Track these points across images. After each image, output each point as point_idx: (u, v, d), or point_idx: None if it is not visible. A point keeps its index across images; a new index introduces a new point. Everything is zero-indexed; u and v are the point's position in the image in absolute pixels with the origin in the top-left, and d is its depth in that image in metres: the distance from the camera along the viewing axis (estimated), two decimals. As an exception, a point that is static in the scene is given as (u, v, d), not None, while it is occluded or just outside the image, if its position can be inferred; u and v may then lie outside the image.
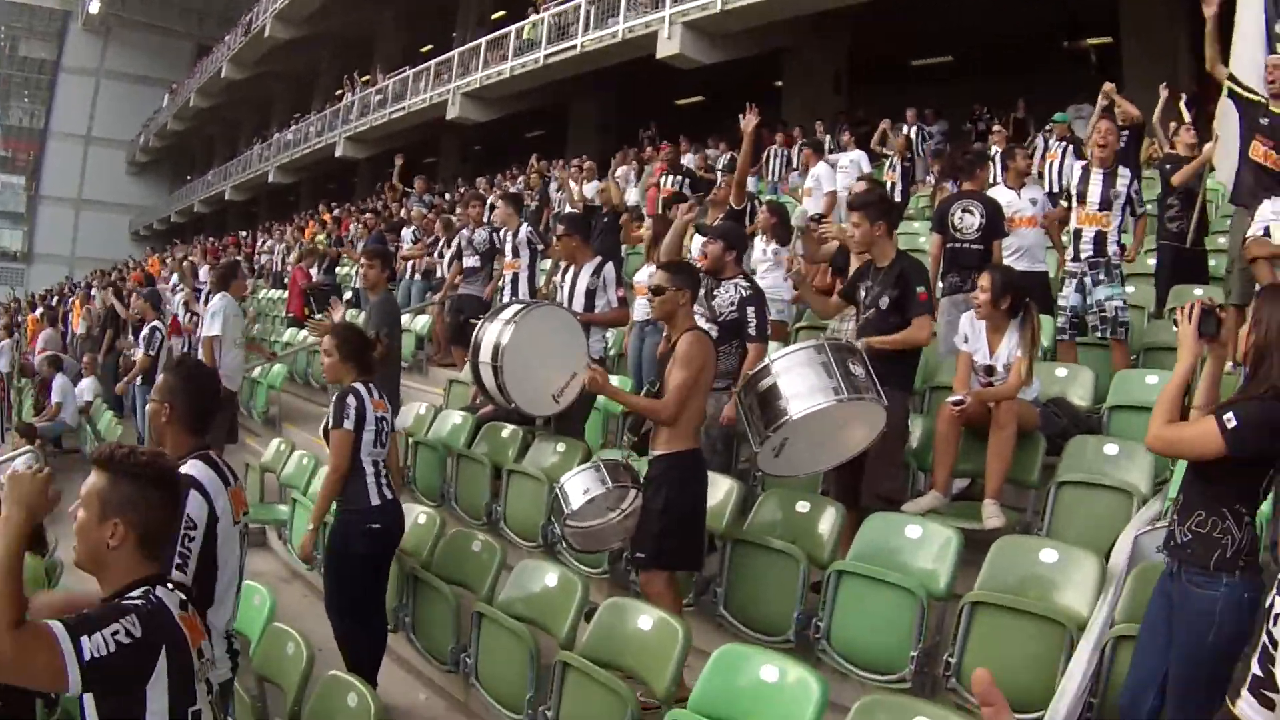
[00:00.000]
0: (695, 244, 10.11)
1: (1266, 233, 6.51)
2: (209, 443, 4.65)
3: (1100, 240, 8.37)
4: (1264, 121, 8.06)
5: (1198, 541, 4.09)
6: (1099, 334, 8.32)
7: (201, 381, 4.78)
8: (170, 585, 3.23)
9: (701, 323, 7.72)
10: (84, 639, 2.87)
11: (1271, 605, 2.00)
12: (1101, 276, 8.29)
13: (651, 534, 5.90)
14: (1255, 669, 1.98)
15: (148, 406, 4.80)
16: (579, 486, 6.16)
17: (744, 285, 7.63)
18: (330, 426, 6.17)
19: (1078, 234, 8.49)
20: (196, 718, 3.16)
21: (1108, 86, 11.82)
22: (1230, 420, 3.96)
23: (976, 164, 9.43)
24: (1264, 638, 1.98)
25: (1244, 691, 2.00)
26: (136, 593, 3.09)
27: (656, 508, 5.88)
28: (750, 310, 7.50)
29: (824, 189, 13.57)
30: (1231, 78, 8.44)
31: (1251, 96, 8.22)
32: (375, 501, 6.26)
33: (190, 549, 4.14)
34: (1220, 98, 9.27)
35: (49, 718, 5.38)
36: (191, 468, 4.28)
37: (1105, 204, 8.36)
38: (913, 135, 18.30)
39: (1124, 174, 8.47)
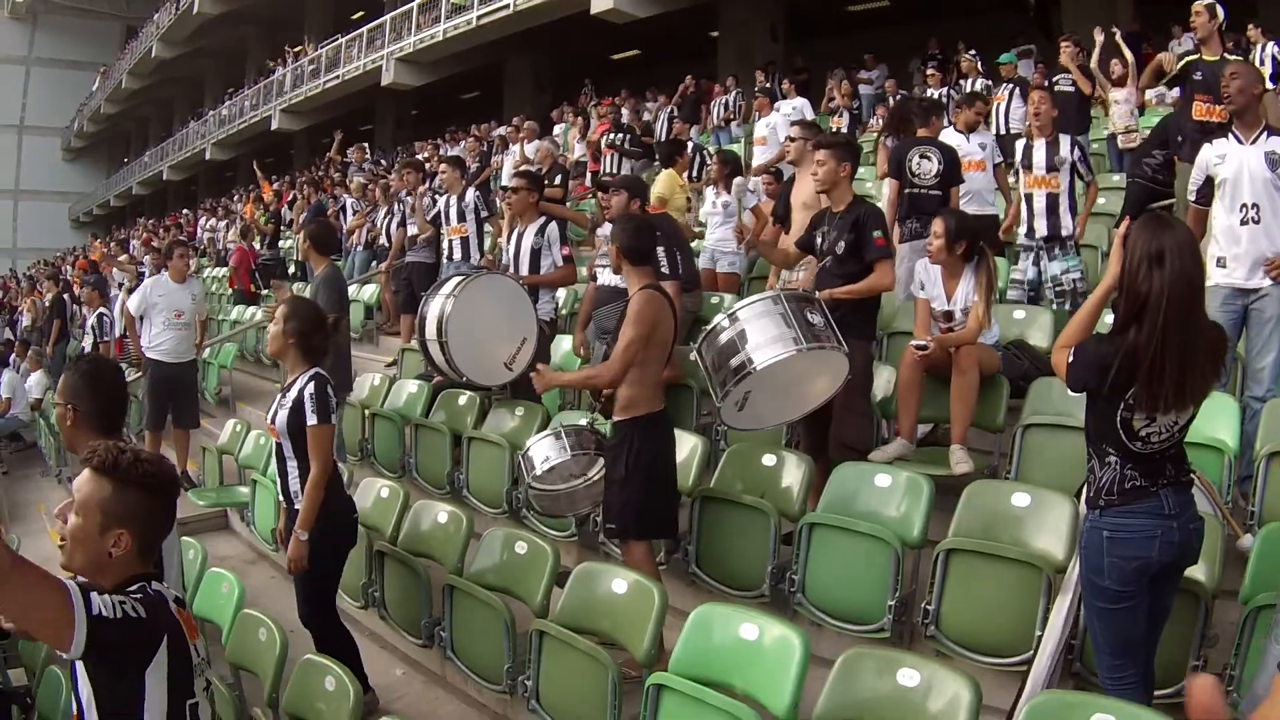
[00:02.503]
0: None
1: (1209, 182, 6.46)
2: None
3: (1053, 203, 8.30)
4: (1197, 77, 8.10)
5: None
6: (1056, 306, 8.23)
7: (102, 377, 4.56)
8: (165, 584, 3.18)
9: (607, 275, 7.71)
10: (93, 595, 2.81)
11: None
12: (1056, 251, 8.27)
13: (616, 506, 5.81)
14: None
15: (56, 410, 4.62)
16: (540, 454, 6.15)
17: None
18: (315, 422, 5.64)
19: (1029, 199, 8.44)
20: (194, 711, 3.11)
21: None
22: (1071, 355, 3.97)
23: (931, 112, 9.43)
24: None
25: None
26: (132, 587, 3.02)
27: (617, 478, 5.79)
28: (659, 253, 7.38)
29: (780, 138, 13.43)
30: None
31: (1184, 63, 8.36)
32: (350, 492, 6.15)
33: (160, 562, 4.07)
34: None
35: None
36: None
37: (1051, 168, 8.34)
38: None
39: (1064, 140, 8.45)
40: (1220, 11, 8.16)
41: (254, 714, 5.27)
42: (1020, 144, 8.69)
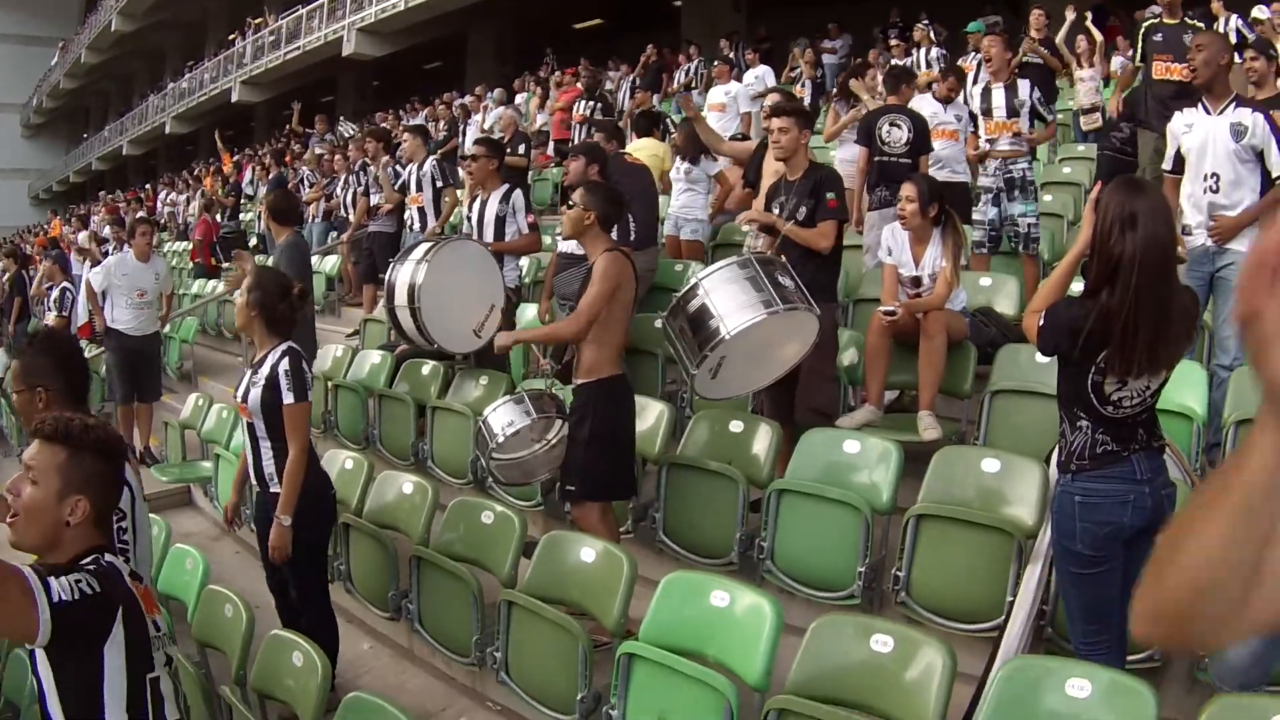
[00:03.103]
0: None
1: (1178, 154, 6.47)
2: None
3: (1016, 140, 8.45)
4: (1158, 39, 8.21)
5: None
6: (1013, 246, 8.43)
7: (65, 352, 4.50)
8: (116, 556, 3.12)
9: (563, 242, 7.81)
10: (51, 580, 2.77)
11: None
12: (1016, 193, 8.37)
13: (578, 466, 5.83)
14: None
15: (15, 397, 4.49)
16: (503, 419, 6.06)
17: None
18: (292, 401, 5.40)
19: (991, 144, 8.53)
20: (155, 685, 3.06)
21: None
22: (1041, 319, 3.94)
23: (902, 80, 9.41)
24: None
25: None
26: (86, 560, 2.97)
27: (581, 438, 5.81)
28: None
29: (741, 108, 13.36)
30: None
31: (1144, 25, 8.51)
32: (325, 469, 6.00)
33: (128, 540, 3.96)
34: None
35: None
36: None
37: (1012, 111, 8.43)
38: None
39: (1023, 84, 8.56)
40: None
41: (221, 691, 5.18)
42: (978, 89, 8.78)
